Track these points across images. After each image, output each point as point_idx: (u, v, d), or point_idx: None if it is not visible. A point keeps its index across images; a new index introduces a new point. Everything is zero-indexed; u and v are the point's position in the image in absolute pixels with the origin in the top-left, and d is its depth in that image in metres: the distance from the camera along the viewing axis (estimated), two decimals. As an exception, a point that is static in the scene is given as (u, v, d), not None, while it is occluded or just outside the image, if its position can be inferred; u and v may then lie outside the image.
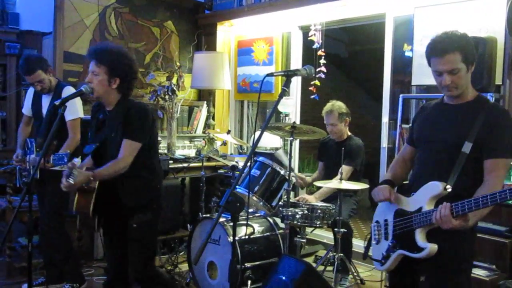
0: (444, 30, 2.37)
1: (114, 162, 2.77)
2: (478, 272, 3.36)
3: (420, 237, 2.34)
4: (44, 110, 3.84)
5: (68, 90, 3.82)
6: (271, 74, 2.35)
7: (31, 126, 4.09)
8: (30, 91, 3.96)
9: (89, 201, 2.74)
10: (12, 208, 4.14)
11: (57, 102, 2.74)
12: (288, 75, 2.28)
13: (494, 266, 3.44)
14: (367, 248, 2.74)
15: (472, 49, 2.33)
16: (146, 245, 2.95)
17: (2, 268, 4.28)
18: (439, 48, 2.31)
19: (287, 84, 2.23)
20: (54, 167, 3.16)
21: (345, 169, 3.98)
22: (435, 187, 2.31)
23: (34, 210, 3.80)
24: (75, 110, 3.76)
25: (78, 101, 3.76)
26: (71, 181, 2.56)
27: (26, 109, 4.04)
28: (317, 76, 4.92)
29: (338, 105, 4.31)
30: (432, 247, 2.29)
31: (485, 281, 3.31)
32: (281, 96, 2.21)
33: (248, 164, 2.28)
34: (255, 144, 2.17)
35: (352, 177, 4.14)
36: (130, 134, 2.79)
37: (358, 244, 4.69)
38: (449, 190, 2.26)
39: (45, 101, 3.86)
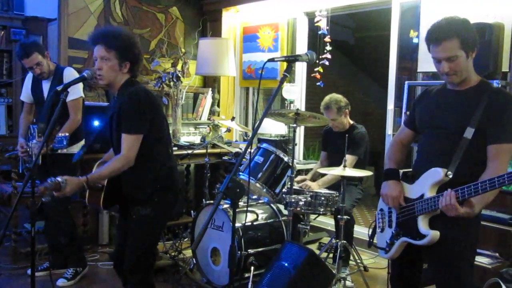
0: (445, 15, 2.31)
1: (113, 160, 2.66)
2: (481, 260, 3.35)
3: (422, 224, 2.33)
4: (46, 95, 3.82)
5: (69, 72, 3.81)
6: (272, 60, 2.31)
7: (33, 113, 4.05)
8: (29, 78, 3.94)
9: (99, 197, 2.73)
10: (17, 193, 4.16)
11: (59, 88, 2.63)
12: (290, 60, 2.25)
13: (497, 254, 3.42)
14: (371, 236, 2.73)
15: (473, 35, 2.27)
16: (142, 238, 2.79)
17: (7, 253, 4.31)
18: (436, 35, 2.26)
19: (288, 69, 2.20)
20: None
21: (349, 158, 3.95)
22: (436, 174, 2.29)
23: (37, 195, 3.82)
24: (76, 90, 3.71)
25: None
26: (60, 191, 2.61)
27: (26, 96, 3.99)
28: (320, 62, 4.88)
29: (335, 99, 4.21)
30: (434, 234, 2.28)
31: (488, 268, 3.30)
32: (281, 82, 2.18)
33: (249, 150, 2.27)
34: (255, 130, 2.15)
35: (357, 166, 4.11)
36: (125, 127, 2.65)
37: (363, 232, 4.69)
38: (450, 176, 2.25)
39: (46, 85, 3.84)
